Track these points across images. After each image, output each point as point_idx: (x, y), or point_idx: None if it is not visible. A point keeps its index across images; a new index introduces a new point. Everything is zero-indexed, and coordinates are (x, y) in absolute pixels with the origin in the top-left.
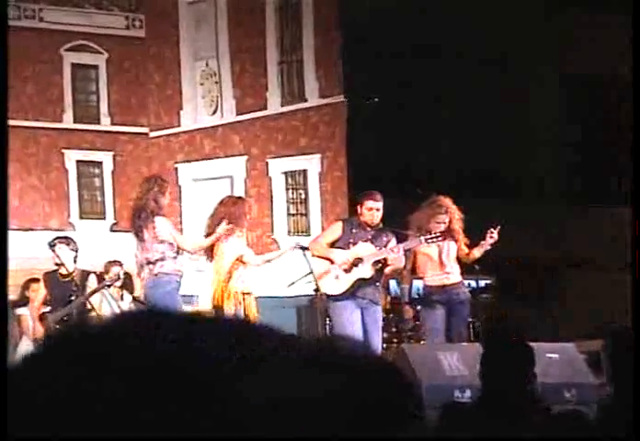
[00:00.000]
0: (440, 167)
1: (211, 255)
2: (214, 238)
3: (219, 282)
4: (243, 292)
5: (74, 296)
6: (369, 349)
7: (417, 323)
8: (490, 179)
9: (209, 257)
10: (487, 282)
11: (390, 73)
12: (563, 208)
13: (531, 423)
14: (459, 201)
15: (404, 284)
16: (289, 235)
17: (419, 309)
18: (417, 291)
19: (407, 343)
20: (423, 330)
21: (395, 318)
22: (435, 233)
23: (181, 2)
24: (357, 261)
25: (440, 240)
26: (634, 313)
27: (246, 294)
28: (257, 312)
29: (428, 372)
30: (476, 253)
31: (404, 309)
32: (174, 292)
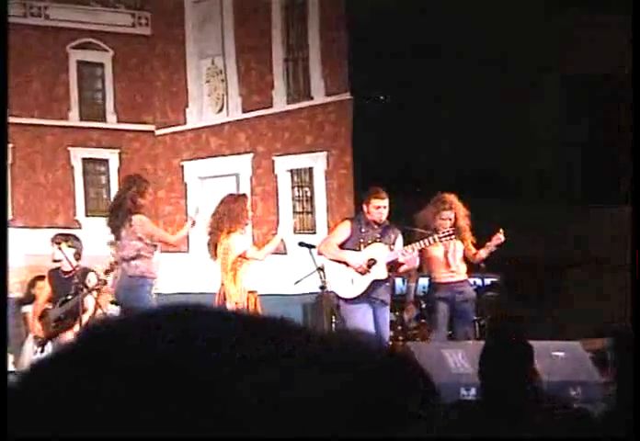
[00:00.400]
0: (443, 167)
1: (215, 254)
2: (189, 226)
3: (223, 280)
4: (248, 290)
5: (71, 294)
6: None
7: (422, 321)
8: (491, 179)
9: (212, 256)
10: (493, 280)
11: (397, 71)
12: (563, 208)
13: (531, 422)
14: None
15: (410, 282)
16: (294, 233)
17: (424, 307)
18: (423, 289)
19: (413, 341)
20: (428, 328)
21: (401, 316)
22: (447, 231)
23: (187, 0)
24: (371, 262)
25: (453, 238)
26: (634, 313)
27: (251, 292)
28: (262, 310)
29: (434, 370)
30: (483, 253)
31: (409, 307)
32: (146, 295)
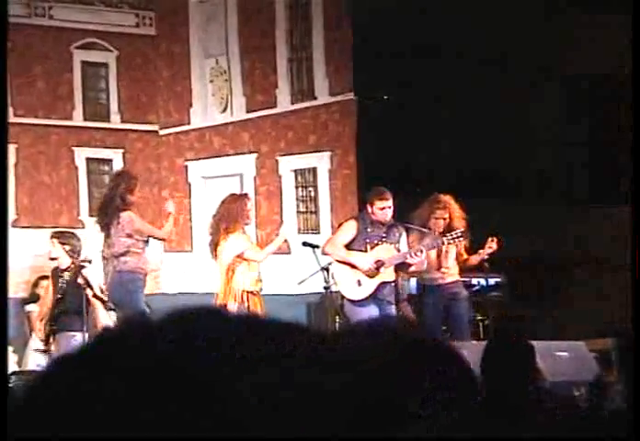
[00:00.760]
0: (443, 167)
1: (215, 254)
2: (172, 219)
3: (222, 280)
4: (247, 291)
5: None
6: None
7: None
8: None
9: (213, 256)
10: (497, 280)
11: (397, 71)
12: (563, 208)
13: (532, 422)
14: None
15: (403, 281)
16: (298, 233)
17: (415, 307)
18: (413, 289)
19: None
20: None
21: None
22: (455, 233)
23: (191, 0)
24: (379, 264)
25: (461, 240)
26: (634, 313)
27: (250, 293)
28: (263, 311)
29: None
30: (473, 260)
31: (401, 305)
32: (137, 290)
